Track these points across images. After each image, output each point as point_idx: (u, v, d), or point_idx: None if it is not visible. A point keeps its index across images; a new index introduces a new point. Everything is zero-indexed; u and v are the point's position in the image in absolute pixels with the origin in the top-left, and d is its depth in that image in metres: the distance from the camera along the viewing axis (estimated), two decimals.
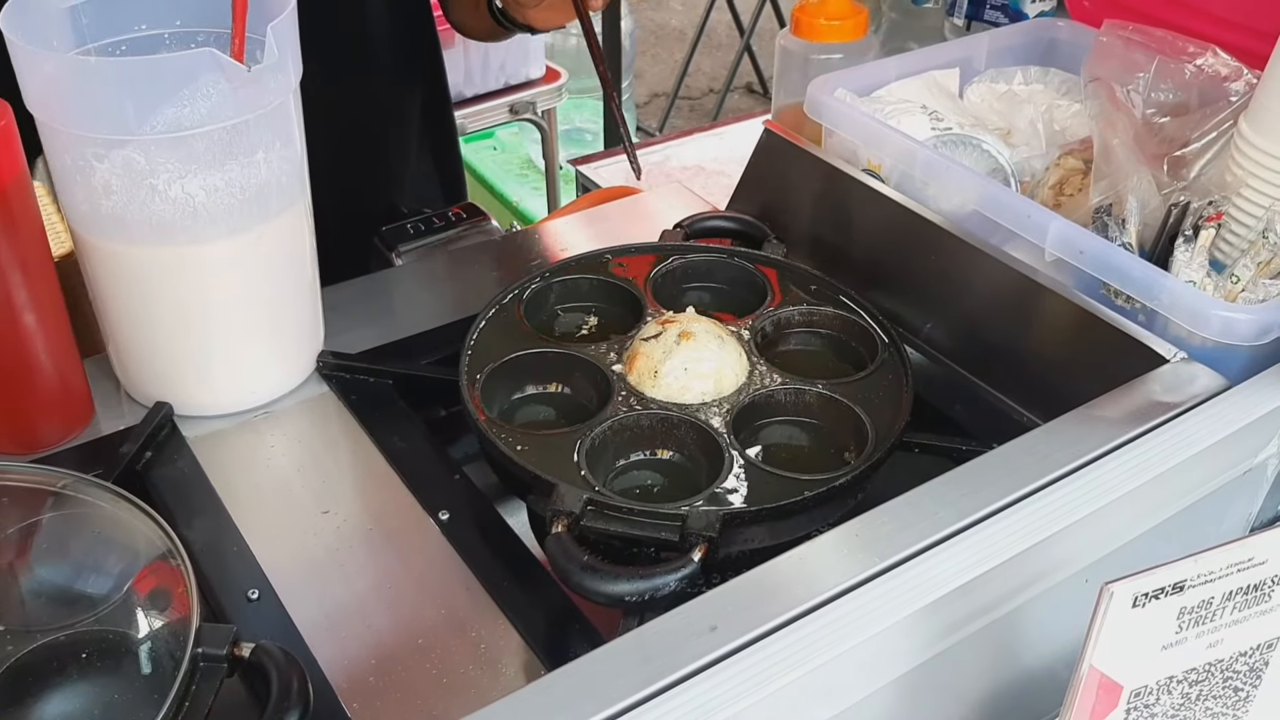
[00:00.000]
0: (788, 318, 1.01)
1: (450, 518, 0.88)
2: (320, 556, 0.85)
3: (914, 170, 1.04)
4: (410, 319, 1.09)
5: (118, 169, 0.83)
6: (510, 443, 0.87)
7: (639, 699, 0.61)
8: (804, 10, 1.18)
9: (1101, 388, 0.86)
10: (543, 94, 2.41)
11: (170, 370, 0.95)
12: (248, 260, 0.91)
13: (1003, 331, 0.99)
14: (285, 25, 0.85)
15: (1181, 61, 1.11)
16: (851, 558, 0.68)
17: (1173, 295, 0.87)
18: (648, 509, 0.80)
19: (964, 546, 0.69)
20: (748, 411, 0.91)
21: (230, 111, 0.83)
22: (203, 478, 0.91)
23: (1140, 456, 0.76)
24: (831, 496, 0.83)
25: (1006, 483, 0.74)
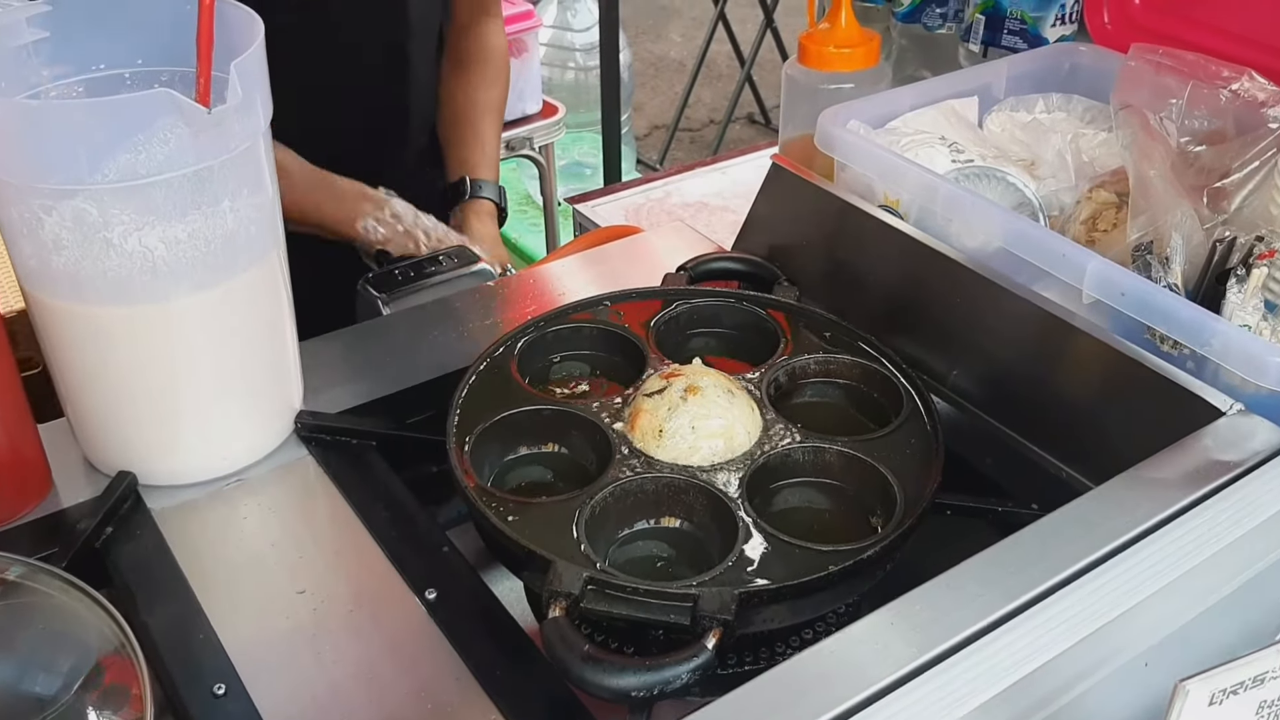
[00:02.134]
0: (803, 367, 0.94)
1: (438, 596, 0.80)
2: (295, 643, 0.77)
3: (935, 206, 0.97)
4: (396, 374, 1.02)
5: (68, 222, 0.76)
6: (502, 513, 0.79)
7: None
8: (811, 38, 1.12)
9: (1148, 441, 0.79)
10: (540, 129, 2.35)
11: (133, 437, 0.87)
12: (215, 318, 0.84)
13: (1036, 379, 0.91)
14: (252, 63, 0.79)
15: (1215, 86, 1.05)
16: (889, 650, 0.60)
17: (1226, 340, 0.79)
18: (655, 589, 0.73)
19: (1015, 636, 0.61)
20: (762, 473, 0.83)
21: (191, 157, 0.76)
22: (168, 555, 0.83)
23: (1204, 525, 0.68)
24: (859, 570, 0.75)
25: (1057, 558, 0.66)
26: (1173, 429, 0.79)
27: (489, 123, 1.41)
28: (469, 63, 1.42)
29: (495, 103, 1.43)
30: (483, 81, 1.42)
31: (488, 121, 1.41)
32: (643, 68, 4.72)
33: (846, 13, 1.09)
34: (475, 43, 1.43)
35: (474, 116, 1.40)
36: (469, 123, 1.40)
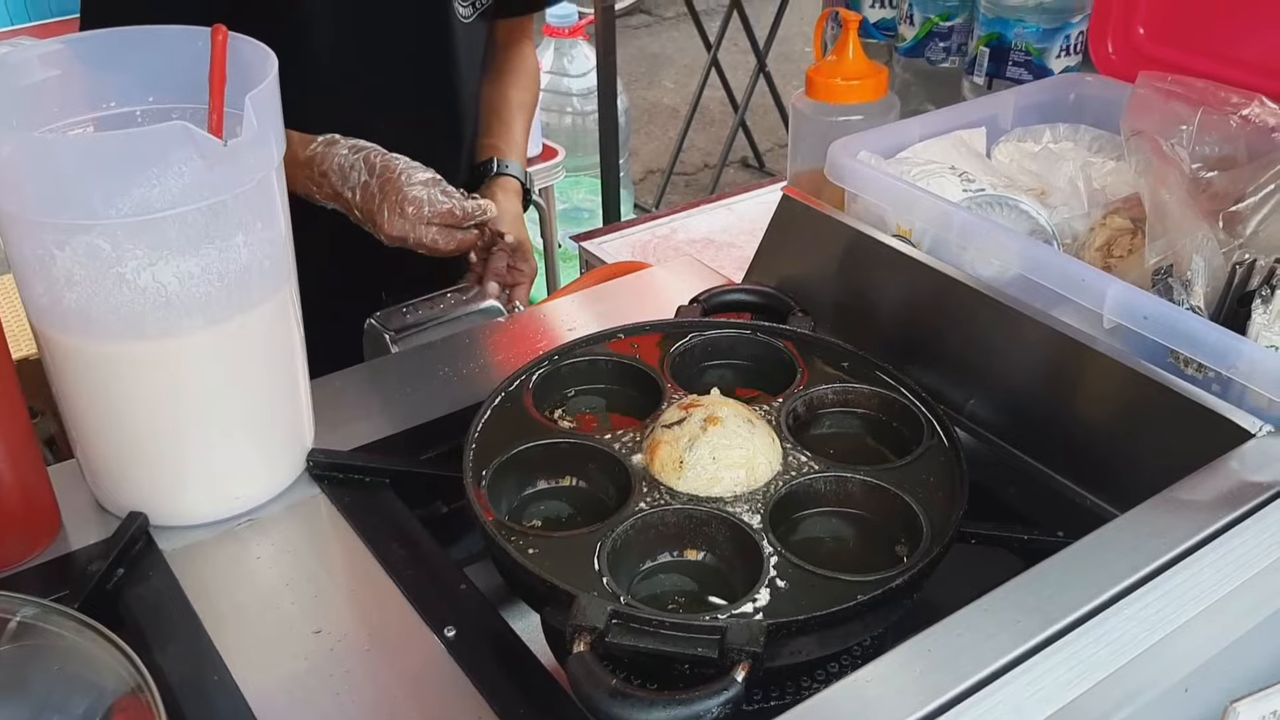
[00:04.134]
0: (821, 397, 0.93)
1: (457, 634, 0.78)
2: (312, 683, 0.76)
3: (950, 234, 0.96)
4: (408, 411, 1.01)
5: (80, 257, 0.75)
6: (522, 546, 0.78)
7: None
8: (819, 71, 1.12)
9: (1175, 466, 0.78)
10: (540, 171, 2.35)
11: (144, 477, 0.86)
12: (228, 353, 0.83)
13: (1057, 406, 0.90)
14: (266, 96, 0.78)
15: (1225, 112, 1.05)
16: (926, 680, 0.59)
17: (1252, 362, 0.78)
18: (682, 621, 0.71)
19: (1054, 663, 0.60)
20: (785, 504, 0.82)
21: (206, 191, 0.75)
22: (181, 596, 0.82)
23: (1241, 547, 0.67)
24: (887, 599, 0.73)
25: (1093, 583, 0.65)
26: (1200, 453, 0.78)
27: (520, 118, 1.46)
28: (505, 72, 1.48)
29: (527, 103, 1.49)
30: (516, 85, 1.47)
31: (519, 117, 1.46)
32: (637, 114, 4.75)
33: (854, 45, 1.09)
34: (513, 58, 1.49)
35: (505, 111, 1.44)
36: (499, 115, 1.44)
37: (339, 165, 1.17)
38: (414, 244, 1.17)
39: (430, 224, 1.17)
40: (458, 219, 1.18)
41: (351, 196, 1.18)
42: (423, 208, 1.16)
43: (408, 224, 1.16)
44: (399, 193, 1.15)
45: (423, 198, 1.16)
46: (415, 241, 1.17)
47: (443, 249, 1.18)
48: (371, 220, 1.18)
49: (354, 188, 1.18)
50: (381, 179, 1.16)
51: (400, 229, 1.16)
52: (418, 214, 1.16)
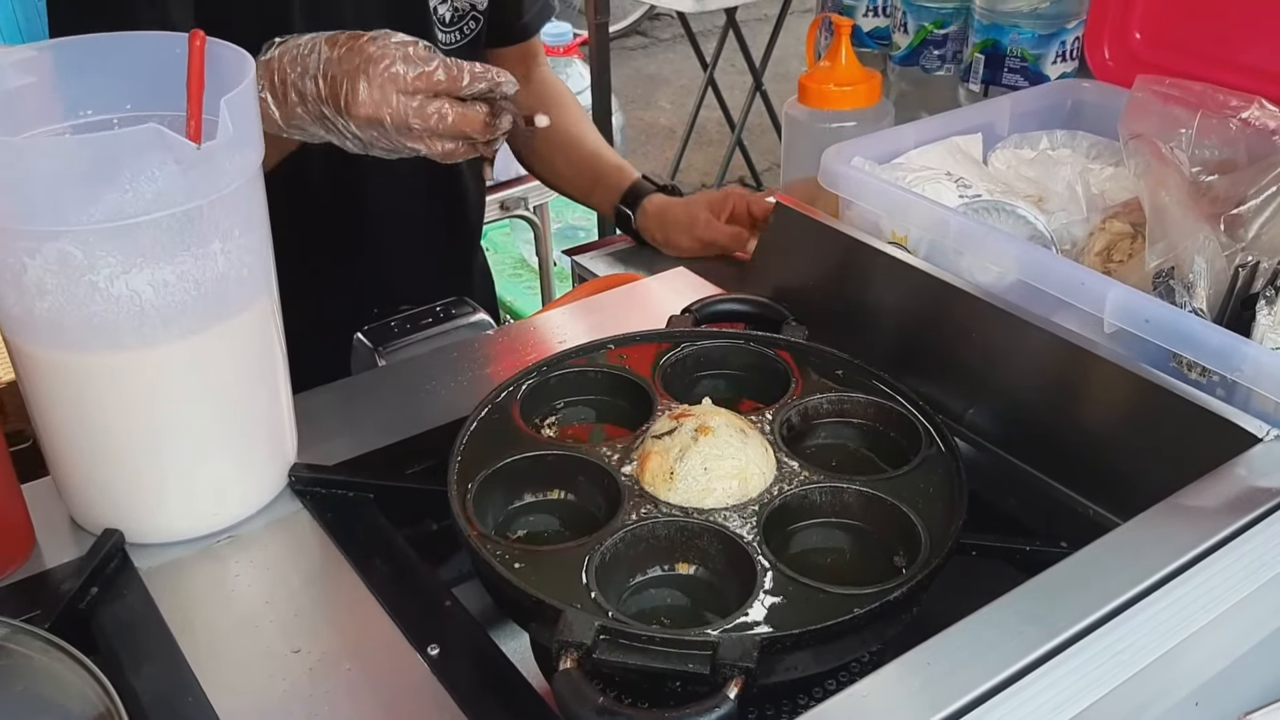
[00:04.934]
0: (815, 407, 0.90)
1: (441, 652, 0.75)
2: (290, 705, 0.73)
3: (946, 240, 0.94)
4: (395, 425, 0.98)
5: (52, 265, 0.73)
6: (507, 560, 0.75)
7: None
8: (812, 77, 1.10)
9: (1180, 473, 0.76)
10: (535, 189, 2.33)
11: (119, 493, 0.83)
12: (206, 364, 0.80)
13: (1058, 413, 0.88)
14: (243, 99, 0.76)
15: (1225, 115, 1.03)
16: (926, 693, 0.56)
17: (1257, 364, 0.76)
18: (672, 637, 0.68)
19: (1060, 674, 0.57)
20: (779, 515, 0.80)
21: (180, 196, 0.73)
22: (156, 616, 0.79)
23: (1251, 554, 0.65)
24: (885, 612, 0.71)
25: (1097, 592, 0.63)
26: (1206, 459, 0.76)
27: (604, 146, 1.42)
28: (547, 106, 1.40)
29: (593, 130, 1.45)
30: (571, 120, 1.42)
31: (603, 146, 1.42)
32: (634, 134, 4.74)
33: (846, 51, 1.07)
34: (543, 89, 1.44)
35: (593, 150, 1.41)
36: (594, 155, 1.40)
37: (295, 59, 0.91)
38: (394, 126, 0.89)
39: (414, 92, 0.89)
40: (453, 83, 0.90)
41: (316, 89, 0.91)
42: (396, 66, 0.89)
43: (380, 95, 0.88)
44: (365, 55, 0.89)
45: (396, 54, 0.89)
46: (396, 122, 0.89)
47: (437, 128, 0.90)
48: (337, 107, 0.90)
49: (315, 75, 0.90)
50: (344, 49, 0.90)
51: (371, 103, 0.88)
52: (391, 77, 0.88)
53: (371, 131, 0.91)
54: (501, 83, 0.93)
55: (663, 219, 1.30)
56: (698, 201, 1.28)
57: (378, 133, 0.91)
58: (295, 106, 0.92)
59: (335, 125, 0.92)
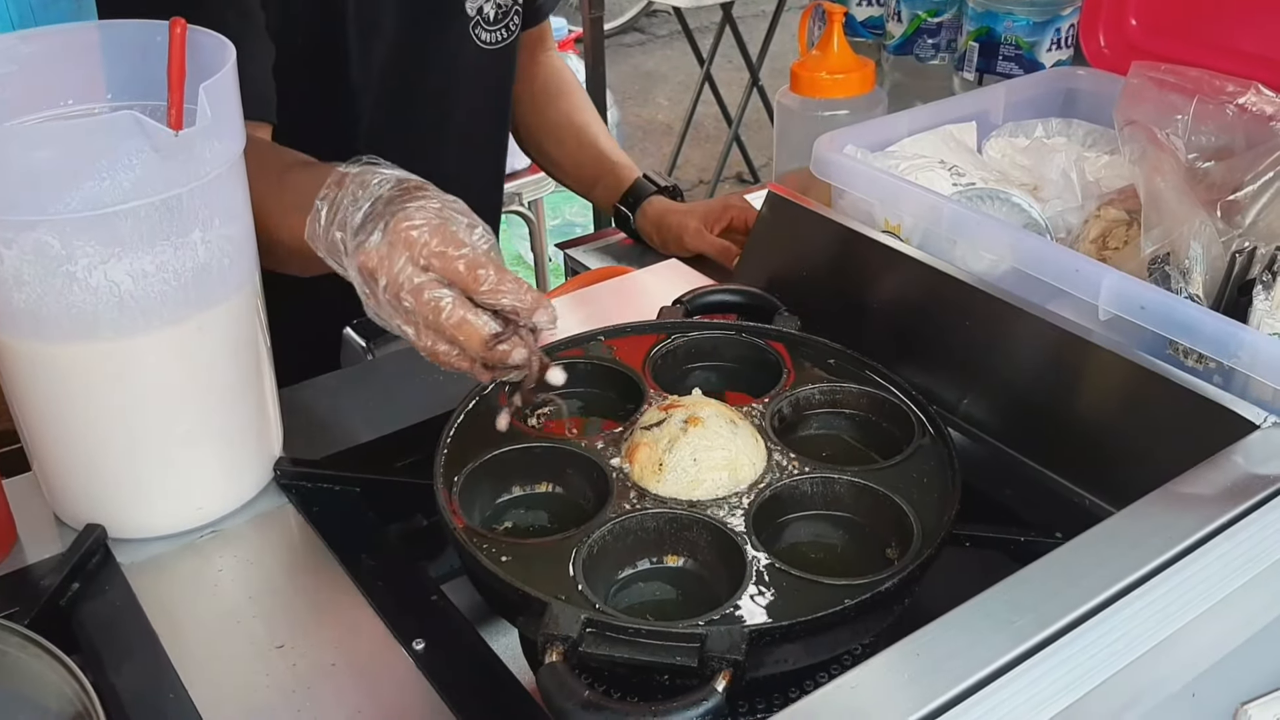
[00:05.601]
0: (807, 397, 0.89)
1: (426, 647, 0.74)
2: (273, 701, 0.72)
3: (940, 228, 0.93)
4: (382, 418, 0.97)
5: (29, 255, 0.72)
6: (493, 554, 0.74)
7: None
8: (804, 65, 1.09)
9: (1177, 462, 0.74)
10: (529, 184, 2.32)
11: (101, 487, 0.82)
12: (187, 355, 0.79)
13: (1053, 402, 0.87)
14: (222, 87, 0.75)
15: (1221, 101, 1.02)
16: (916, 684, 0.55)
17: (1254, 350, 0.75)
18: (659, 629, 0.67)
19: (1053, 664, 0.56)
20: (770, 507, 0.78)
21: (159, 184, 0.72)
22: (138, 611, 0.78)
23: (1248, 541, 0.63)
24: (876, 604, 0.70)
25: (1093, 580, 0.61)
26: (1203, 447, 0.75)
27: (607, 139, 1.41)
28: (554, 94, 1.43)
29: (597, 122, 1.44)
30: (575, 109, 1.42)
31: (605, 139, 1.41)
32: (631, 131, 4.73)
33: (838, 38, 1.06)
34: (550, 75, 1.43)
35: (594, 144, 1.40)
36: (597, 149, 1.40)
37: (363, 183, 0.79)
38: (387, 292, 0.75)
39: (425, 268, 0.74)
40: (468, 278, 0.74)
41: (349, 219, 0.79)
42: (420, 231, 0.74)
43: (388, 251, 0.74)
44: (400, 207, 0.76)
45: (430, 220, 0.75)
46: (390, 289, 0.75)
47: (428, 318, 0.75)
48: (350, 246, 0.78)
49: (362, 205, 0.78)
50: (398, 191, 0.78)
51: (376, 256, 0.75)
52: (407, 240, 0.74)
53: (365, 288, 0.77)
54: (528, 310, 0.76)
55: (660, 224, 1.31)
56: (693, 211, 1.28)
57: (370, 291, 0.77)
58: (334, 229, 0.79)
59: (340, 262, 0.80)
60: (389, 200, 0.77)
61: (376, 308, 0.78)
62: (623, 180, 1.36)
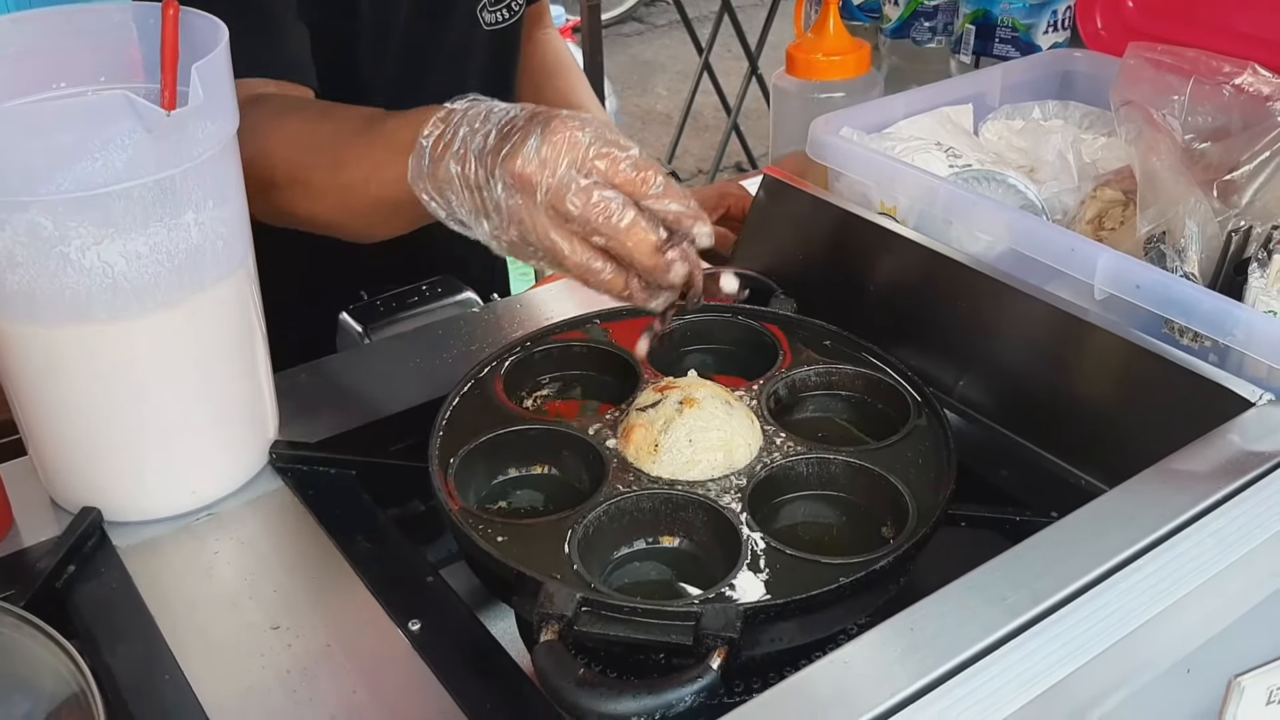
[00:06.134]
0: (803, 379, 0.89)
1: (422, 627, 0.74)
2: (269, 682, 0.72)
3: (935, 209, 0.93)
4: (379, 402, 0.97)
5: (22, 236, 0.72)
6: (489, 534, 0.74)
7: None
8: (800, 48, 1.09)
9: (1172, 440, 0.74)
10: None
11: (96, 470, 0.82)
12: (181, 338, 0.79)
13: (1049, 383, 0.87)
14: (215, 67, 0.75)
15: (1218, 82, 1.01)
16: (908, 659, 0.55)
17: (1249, 328, 0.75)
18: (654, 607, 0.67)
19: (1046, 639, 0.56)
20: (765, 487, 0.78)
21: (151, 165, 0.72)
22: (134, 594, 0.78)
23: (1243, 517, 0.63)
24: (871, 582, 0.70)
25: (1086, 556, 0.61)
26: (1199, 425, 0.75)
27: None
28: (551, 72, 1.41)
29: (595, 103, 1.41)
30: (572, 90, 1.40)
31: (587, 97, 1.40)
32: (630, 121, 4.73)
33: (834, 20, 1.06)
34: (548, 54, 1.42)
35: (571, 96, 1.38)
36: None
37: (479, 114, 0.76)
38: (547, 198, 0.70)
39: (588, 171, 0.70)
40: (639, 181, 0.71)
41: (483, 143, 0.73)
42: (580, 133, 0.70)
43: (549, 154, 0.70)
44: (551, 115, 0.72)
45: (587, 126, 0.71)
46: (552, 194, 0.70)
47: (595, 221, 0.70)
48: (495, 162, 0.72)
49: (493, 128, 0.73)
50: (534, 110, 0.74)
51: (536, 161, 0.70)
52: (571, 142, 0.70)
53: (517, 199, 0.71)
54: (692, 219, 0.72)
55: None
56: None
57: (522, 203, 0.71)
58: (449, 160, 0.75)
59: (479, 192, 0.73)
60: (531, 115, 0.72)
61: (528, 222, 0.71)
62: None
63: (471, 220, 0.75)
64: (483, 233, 0.76)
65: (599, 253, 0.72)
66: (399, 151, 0.77)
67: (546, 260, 0.73)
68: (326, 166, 0.87)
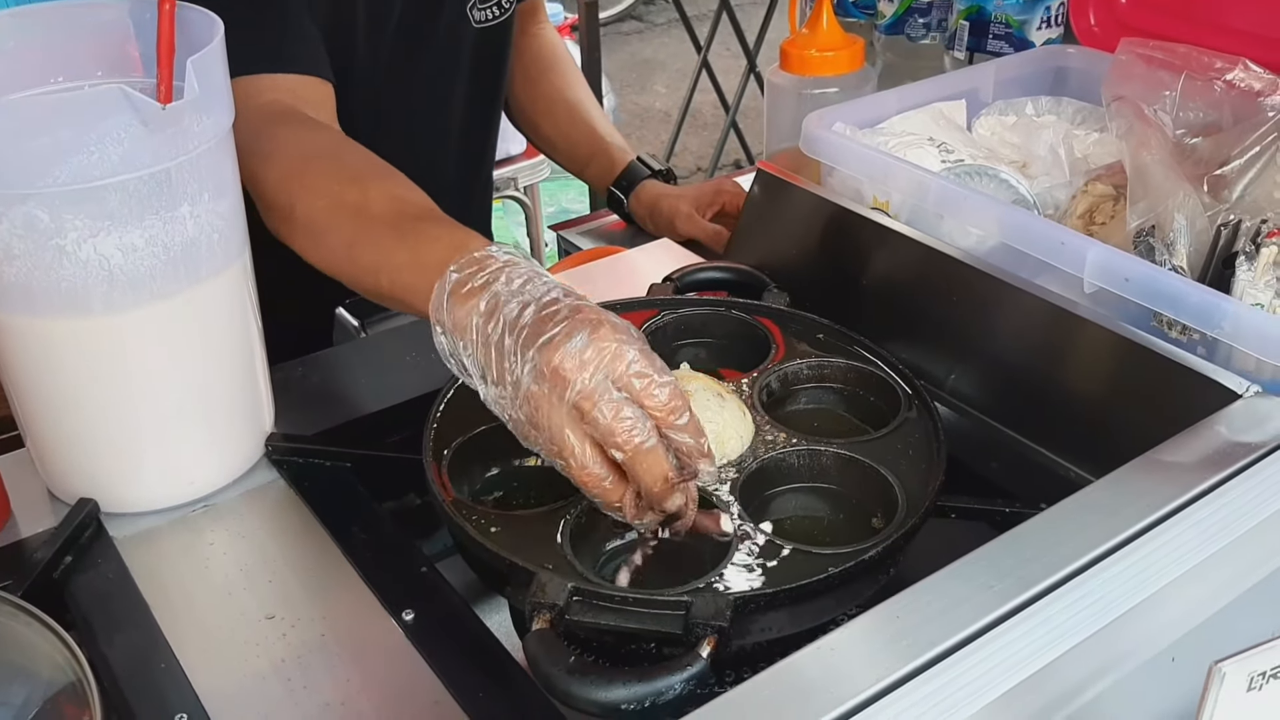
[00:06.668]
0: (795, 372, 0.90)
1: (415, 617, 0.75)
2: (263, 670, 0.73)
3: (927, 204, 0.93)
4: (375, 395, 0.98)
5: (18, 229, 0.72)
6: (482, 525, 0.75)
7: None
8: (793, 43, 1.09)
9: (1160, 433, 0.75)
10: (524, 169, 2.32)
11: (93, 462, 0.83)
12: (177, 330, 0.80)
13: (1039, 376, 0.87)
14: (210, 61, 0.75)
15: (1209, 78, 1.02)
16: (894, 645, 0.56)
17: (1237, 321, 0.76)
18: (645, 596, 0.68)
19: (1031, 625, 0.57)
20: (756, 478, 0.79)
21: (147, 158, 0.73)
22: (130, 584, 0.79)
23: (1227, 507, 0.64)
24: (861, 572, 0.70)
25: (1072, 545, 0.62)
26: (1187, 418, 0.75)
27: (601, 117, 1.41)
28: (545, 68, 1.42)
29: (590, 98, 1.43)
30: (567, 85, 1.41)
31: (599, 117, 1.41)
32: (628, 119, 4.73)
33: (828, 15, 1.06)
34: (543, 50, 1.43)
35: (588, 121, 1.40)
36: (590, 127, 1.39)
37: (522, 273, 0.74)
38: (574, 397, 0.67)
39: (623, 385, 0.68)
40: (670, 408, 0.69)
41: (518, 313, 0.70)
42: (627, 348, 0.68)
43: (592, 357, 0.67)
44: (600, 317, 0.69)
45: (634, 341, 0.69)
46: (581, 394, 0.67)
47: (615, 436, 0.68)
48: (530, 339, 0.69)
49: (533, 300, 0.71)
50: (581, 301, 0.72)
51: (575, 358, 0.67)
52: (616, 353, 0.68)
53: (544, 387, 0.68)
54: (702, 457, 0.71)
55: (653, 208, 1.31)
56: (684, 195, 1.29)
57: (548, 393, 0.68)
58: (475, 311, 0.72)
59: (499, 360, 0.71)
60: (575, 309, 0.70)
61: (536, 415, 0.69)
62: (616, 162, 1.36)
63: (475, 374, 0.73)
64: (486, 393, 0.73)
65: (606, 461, 0.69)
66: (422, 268, 0.76)
67: (545, 448, 0.71)
68: (344, 239, 0.85)
